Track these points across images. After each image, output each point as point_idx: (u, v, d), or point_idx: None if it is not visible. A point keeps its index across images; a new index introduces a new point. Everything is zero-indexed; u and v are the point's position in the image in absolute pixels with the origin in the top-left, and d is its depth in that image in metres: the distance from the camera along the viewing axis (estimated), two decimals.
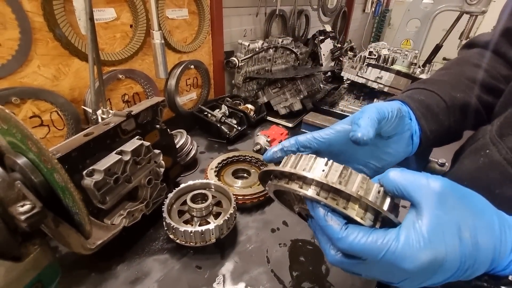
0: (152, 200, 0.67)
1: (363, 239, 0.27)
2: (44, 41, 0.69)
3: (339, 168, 0.29)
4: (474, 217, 0.26)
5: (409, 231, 0.26)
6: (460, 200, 0.27)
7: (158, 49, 0.68)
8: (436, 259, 0.25)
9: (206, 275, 0.60)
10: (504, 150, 0.38)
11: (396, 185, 0.29)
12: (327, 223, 0.29)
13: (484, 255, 0.26)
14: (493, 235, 0.26)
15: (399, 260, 0.26)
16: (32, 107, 0.71)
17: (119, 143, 0.61)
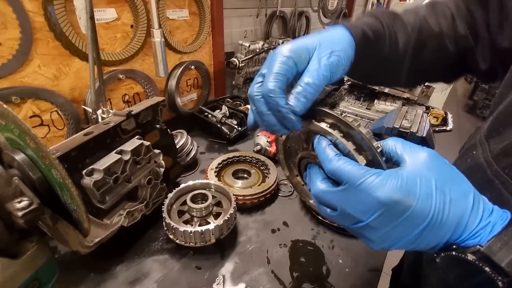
0: (152, 200, 0.67)
1: (350, 166, 0.31)
2: (45, 40, 0.69)
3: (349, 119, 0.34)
4: (452, 181, 0.29)
5: (391, 173, 0.29)
6: (443, 166, 0.30)
7: (158, 47, 0.68)
8: (407, 199, 0.28)
9: (206, 276, 0.59)
10: (486, 153, 0.38)
11: (391, 145, 0.32)
12: (325, 149, 0.33)
13: (454, 214, 0.28)
14: (466, 201, 0.28)
15: (374, 188, 0.28)
16: (33, 106, 0.71)
17: (119, 142, 0.61)
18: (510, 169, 0.34)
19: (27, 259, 0.23)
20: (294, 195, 0.84)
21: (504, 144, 0.35)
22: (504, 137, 0.36)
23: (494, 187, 0.35)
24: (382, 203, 0.28)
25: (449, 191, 0.28)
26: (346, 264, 0.63)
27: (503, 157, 0.35)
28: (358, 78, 0.52)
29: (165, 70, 0.72)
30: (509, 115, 0.37)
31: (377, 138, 0.34)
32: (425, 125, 0.91)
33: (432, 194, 0.28)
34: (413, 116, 0.92)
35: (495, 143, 0.38)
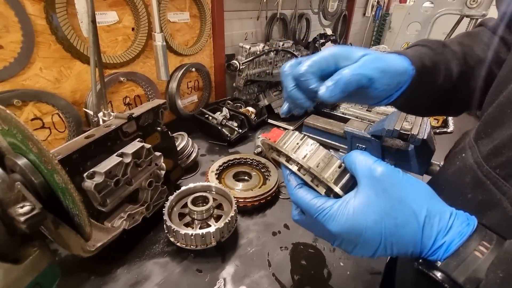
0: (152, 203, 0.67)
1: (307, 199, 0.33)
2: (47, 43, 0.69)
3: (310, 143, 0.36)
4: (402, 203, 0.30)
5: (343, 203, 0.31)
6: (393, 186, 0.30)
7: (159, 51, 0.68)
8: (355, 228, 0.30)
9: (206, 279, 0.59)
10: (475, 154, 0.38)
11: (350, 162, 0.33)
12: (287, 181, 0.36)
13: (405, 236, 0.29)
14: (416, 223, 0.29)
15: (326, 223, 0.31)
16: (34, 109, 0.71)
17: (120, 145, 0.61)
18: (501, 169, 0.33)
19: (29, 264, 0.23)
20: None
21: (494, 144, 0.35)
22: (494, 138, 0.35)
23: (485, 188, 0.35)
24: (336, 234, 0.31)
25: (399, 214, 0.29)
26: (347, 267, 0.63)
27: (493, 157, 0.35)
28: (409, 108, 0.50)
29: (166, 73, 0.73)
30: (498, 116, 0.36)
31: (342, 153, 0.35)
32: (426, 127, 0.91)
33: (379, 221, 0.29)
34: (414, 118, 0.91)
35: (484, 144, 0.37)
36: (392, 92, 0.42)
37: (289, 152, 0.36)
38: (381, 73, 0.38)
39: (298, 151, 0.36)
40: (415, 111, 0.55)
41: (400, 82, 0.41)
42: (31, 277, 0.23)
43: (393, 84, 0.40)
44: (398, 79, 0.40)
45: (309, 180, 0.35)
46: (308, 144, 0.36)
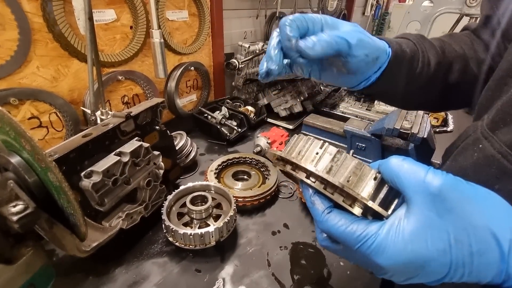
0: (151, 202, 0.66)
1: (343, 227, 0.27)
2: (44, 41, 0.68)
3: (333, 151, 0.29)
4: (475, 224, 0.24)
5: (391, 228, 0.25)
6: (460, 202, 0.24)
7: (157, 48, 0.68)
8: (414, 261, 0.24)
9: (205, 279, 0.59)
10: (497, 144, 0.36)
11: (393, 174, 0.27)
12: (312, 205, 0.30)
13: (483, 265, 0.23)
14: (497, 246, 0.23)
15: (374, 255, 0.25)
16: (31, 108, 0.70)
17: (118, 144, 0.61)
18: None
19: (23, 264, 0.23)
20: (294, 197, 0.83)
21: None
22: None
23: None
24: (387, 268, 0.25)
25: (473, 239, 0.23)
26: (347, 267, 0.62)
27: None
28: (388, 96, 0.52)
29: (164, 71, 0.72)
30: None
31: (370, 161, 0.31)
32: (425, 126, 0.91)
33: (447, 250, 0.24)
34: (414, 117, 0.91)
35: (504, 133, 0.35)
36: (370, 72, 0.43)
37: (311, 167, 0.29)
38: (359, 41, 0.39)
39: (320, 164, 0.29)
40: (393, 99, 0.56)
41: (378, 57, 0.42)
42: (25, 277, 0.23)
43: (371, 57, 0.41)
44: (376, 53, 0.41)
45: (340, 200, 0.28)
46: (332, 154, 0.29)
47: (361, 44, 0.39)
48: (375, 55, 0.41)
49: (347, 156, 0.29)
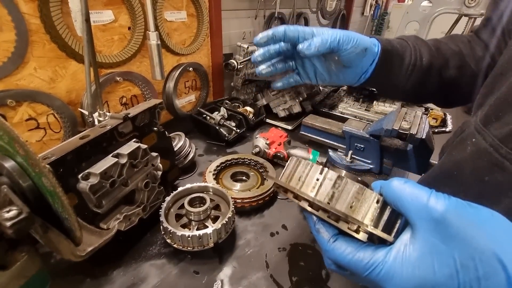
0: (149, 204, 0.66)
1: (350, 255, 0.27)
2: (41, 43, 0.68)
3: (333, 176, 0.29)
4: (479, 249, 0.24)
5: (398, 254, 0.26)
6: (464, 228, 0.24)
7: (154, 50, 0.67)
8: (423, 287, 0.25)
9: (204, 281, 0.59)
10: (489, 138, 0.38)
11: (395, 198, 0.27)
12: (317, 233, 0.30)
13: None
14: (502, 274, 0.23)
15: (383, 282, 0.26)
16: (28, 109, 0.70)
17: (116, 146, 0.60)
18: None
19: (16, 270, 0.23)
20: None
21: (510, 127, 0.35)
22: (507, 120, 0.36)
23: (505, 168, 0.34)
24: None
25: (479, 264, 0.23)
26: None
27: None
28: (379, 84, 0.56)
29: (161, 73, 0.72)
30: (509, 99, 0.37)
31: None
32: (424, 126, 0.91)
33: (454, 275, 0.24)
34: (412, 117, 0.91)
35: (496, 128, 0.37)
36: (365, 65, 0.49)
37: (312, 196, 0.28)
38: (346, 36, 0.45)
39: (321, 191, 0.29)
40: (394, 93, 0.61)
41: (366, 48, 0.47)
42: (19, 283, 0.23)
43: (359, 47, 0.46)
44: (362, 44, 0.46)
45: (345, 228, 0.28)
46: (332, 179, 0.29)
47: (347, 39, 0.45)
48: (363, 46, 0.46)
49: (348, 180, 0.29)
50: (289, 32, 0.44)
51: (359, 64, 0.48)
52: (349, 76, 0.50)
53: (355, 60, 0.47)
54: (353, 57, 0.46)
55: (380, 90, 0.59)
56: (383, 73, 0.50)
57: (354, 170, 0.96)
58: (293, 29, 0.45)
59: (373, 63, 0.49)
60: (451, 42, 0.56)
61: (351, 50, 0.45)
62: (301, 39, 0.45)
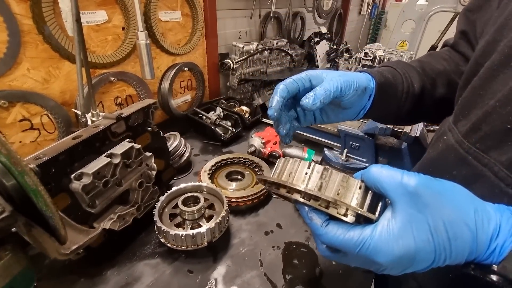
0: (143, 204, 0.66)
1: (341, 236, 0.30)
2: (34, 43, 0.68)
3: (320, 169, 0.32)
4: (447, 214, 0.28)
5: (383, 229, 0.29)
6: (433, 197, 0.28)
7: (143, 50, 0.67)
8: (407, 254, 0.28)
9: (197, 279, 0.59)
10: (456, 135, 0.41)
11: (375, 181, 0.31)
12: (310, 221, 0.33)
13: (459, 247, 0.27)
14: (467, 229, 0.27)
15: (373, 255, 0.29)
16: (22, 110, 0.70)
17: (109, 146, 0.60)
18: (480, 143, 0.37)
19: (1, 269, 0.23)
20: None
21: (472, 121, 0.38)
22: (471, 117, 0.39)
23: (468, 163, 0.38)
24: (385, 264, 0.29)
25: (448, 227, 0.27)
26: (339, 266, 0.62)
27: (473, 134, 0.38)
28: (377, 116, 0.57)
29: (151, 72, 0.72)
30: (472, 99, 0.40)
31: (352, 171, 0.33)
32: (418, 125, 0.91)
33: (430, 239, 0.27)
34: None
35: (463, 125, 0.41)
36: (363, 102, 0.49)
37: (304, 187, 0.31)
38: (347, 83, 0.44)
39: (311, 182, 0.32)
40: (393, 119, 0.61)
41: (365, 88, 0.47)
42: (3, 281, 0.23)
43: (359, 90, 0.46)
44: (362, 85, 0.46)
45: (335, 212, 0.31)
46: (319, 171, 0.32)
47: (348, 84, 0.44)
48: (362, 87, 0.46)
49: (333, 171, 0.32)
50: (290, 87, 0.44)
51: (359, 103, 0.49)
52: (348, 115, 0.51)
53: (355, 101, 0.47)
54: (353, 100, 0.46)
55: (376, 119, 0.60)
56: (379, 105, 0.50)
57: (349, 169, 0.97)
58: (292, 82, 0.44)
59: (370, 99, 0.50)
60: (434, 61, 0.57)
61: (352, 94, 0.45)
62: (301, 90, 0.44)
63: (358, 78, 0.46)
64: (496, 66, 0.36)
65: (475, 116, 0.38)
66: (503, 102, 0.34)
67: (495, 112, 0.35)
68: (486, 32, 0.42)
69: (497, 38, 0.37)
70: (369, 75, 0.50)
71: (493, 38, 0.38)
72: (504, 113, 0.34)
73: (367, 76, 0.49)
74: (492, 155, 0.35)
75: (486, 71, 0.38)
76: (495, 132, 0.35)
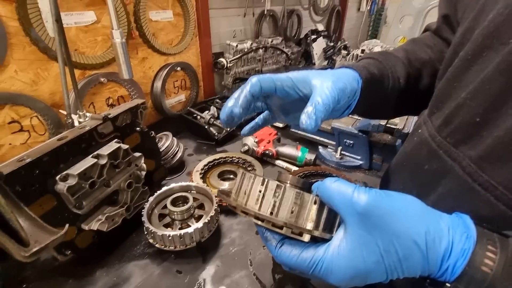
0: (133, 204, 0.66)
1: (295, 257, 0.30)
2: (21, 45, 0.68)
3: (273, 186, 0.31)
4: (397, 235, 0.27)
5: (334, 250, 0.29)
6: (383, 218, 0.27)
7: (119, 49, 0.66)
8: (358, 275, 0.28)
9: (186, 280, 0.58)
10: (430, 128, 0.40)
11: (327, 197, 0.30)
12: (266, 241, 0.33)
13: (411, 266, 0.27)
14: (418, 250, 0.26)
15: (325, 276, 0.29)
16: (11, 112, 0.70)
17: (96, 147, 0.60)
18: (451, 137, 0.36)
19: None
20: None
21: (445, 114, 0.37)
22: (444, 111, 0.38)
23: (439, 157, 0.37)
24: (337, 284, 0.29)
25: (398, 248, 0.27)
26: None
27: (444, 127, 0.37)
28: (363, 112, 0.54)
29: (129, 71, 0.70)
30: (446, 91, 0.39)
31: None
32: (412, 121, 0.90)
33: (380, 261, 0.27)
34: None
35: (436, 118, 0.40)
36: (350, 102, 0.45)
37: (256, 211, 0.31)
38: (340, 91, 0.39)
39: (264, 202, 0.31)
40: (379, 115, 0.59)
41: (354, 87, 0.44)
42: None
43: (350, 92, 0.43)
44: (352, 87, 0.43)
45: (289, 233, 0.30)
46: (272, 189, 0.31)
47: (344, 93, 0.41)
48: (353, 89, 0.43)
49: (286, 187, 0.31)
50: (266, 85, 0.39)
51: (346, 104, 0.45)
52: (332, 115, 0.47)
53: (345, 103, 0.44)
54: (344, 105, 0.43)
55: (360, 114, 0.56)
56: (365, 102, 0.47)
57: (344, 167, 0.96)
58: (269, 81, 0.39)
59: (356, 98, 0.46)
60: (419, 50, 0.54)
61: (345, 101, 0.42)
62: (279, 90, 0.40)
63: (348, 81, 0.42)
64: (470, 56, 0.34)
65: (448, 109, 0.37)
66: (473, 95, 0.32)
67: (465, 104, 0.34)
68: (465, 18, 0.40)
69: (473, 25, 0.35)
70: (355, 72, 0.46)
71: (470, 25, 0.37)
72: (473, 105, 0.32)
73: (354, 74, 0.46)
74: (462, 149, 0.34)
75: (460, 61, 0.36)
76: (465, 126, 0.34)
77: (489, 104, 0.31)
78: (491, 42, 0.32)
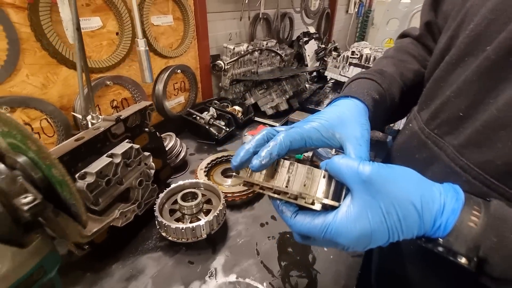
0: (144, 201, 0.69)
1: (308, 224, 0.34)
2: (32, 50, 0.71)
3: (287, 164, 0.36)
4: (397, 198, 0.31)
5: (342, 215, 0.32)
6: (384, 184, 0.31)
7: (143, 56, 0.71)
8: (364, 235, 0.32)
9: (198, 269, 0.63)
10: (419, 122, 0.47)
11: (335, 171, 0.34)
12: (281, 213, 0.37)
13: (409, 225, 0.31)
14: (414, 210, 0.31)
15: (335, 237, 0.33)
16: (22, 115, 0.72)
17: (109, 146, 0.64)
18: (438, 129, 0.42)
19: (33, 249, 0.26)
20: None
21: (432, 110, 0.43)
22: (431, 107, 0.44)
23: (428, 147, 0.43)
24: (347, 244, 0.33)
25: (398, 209, 0.31)
26: (331, 252, 0.67)
27: (432, 121, 0.43)
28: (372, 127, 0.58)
29: (150, 76, 0.76)
30: (433, 89, 0.45)
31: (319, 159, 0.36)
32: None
33: (383, 221, 0.31)
34: None
35: (425, 113, 0.46)
36: None
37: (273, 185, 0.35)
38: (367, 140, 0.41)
39: (279, 178, 0.36)
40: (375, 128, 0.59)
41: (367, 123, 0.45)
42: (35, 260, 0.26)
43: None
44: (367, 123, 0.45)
45: (303, 203, 0.34)
46: (286, 166, 0.36)
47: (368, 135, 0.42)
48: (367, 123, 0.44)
49: (298, 165, 0.36)
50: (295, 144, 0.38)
51: None
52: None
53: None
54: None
55: None
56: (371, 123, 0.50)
57: None
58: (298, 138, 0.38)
59: None
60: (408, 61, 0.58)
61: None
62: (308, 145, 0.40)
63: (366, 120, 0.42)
64: (454, 61, 0.41)
65: (434, 105, 0.43)
66: (457, 93, 0.39)
67: (450, 101, 0.40)
68: (448, 26, 0.45)
69: (457, 34, 0.42)
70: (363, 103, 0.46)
71: (453, 34, 0.43)
72: (457, 102, 0.38)
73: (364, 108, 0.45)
74: (447, 140, 0.40)
75: (446, 64, 0.43)
76: (450, 119, 0.40)
77: (470, 101, 0.37)
78: (472, 49, 0.38)
